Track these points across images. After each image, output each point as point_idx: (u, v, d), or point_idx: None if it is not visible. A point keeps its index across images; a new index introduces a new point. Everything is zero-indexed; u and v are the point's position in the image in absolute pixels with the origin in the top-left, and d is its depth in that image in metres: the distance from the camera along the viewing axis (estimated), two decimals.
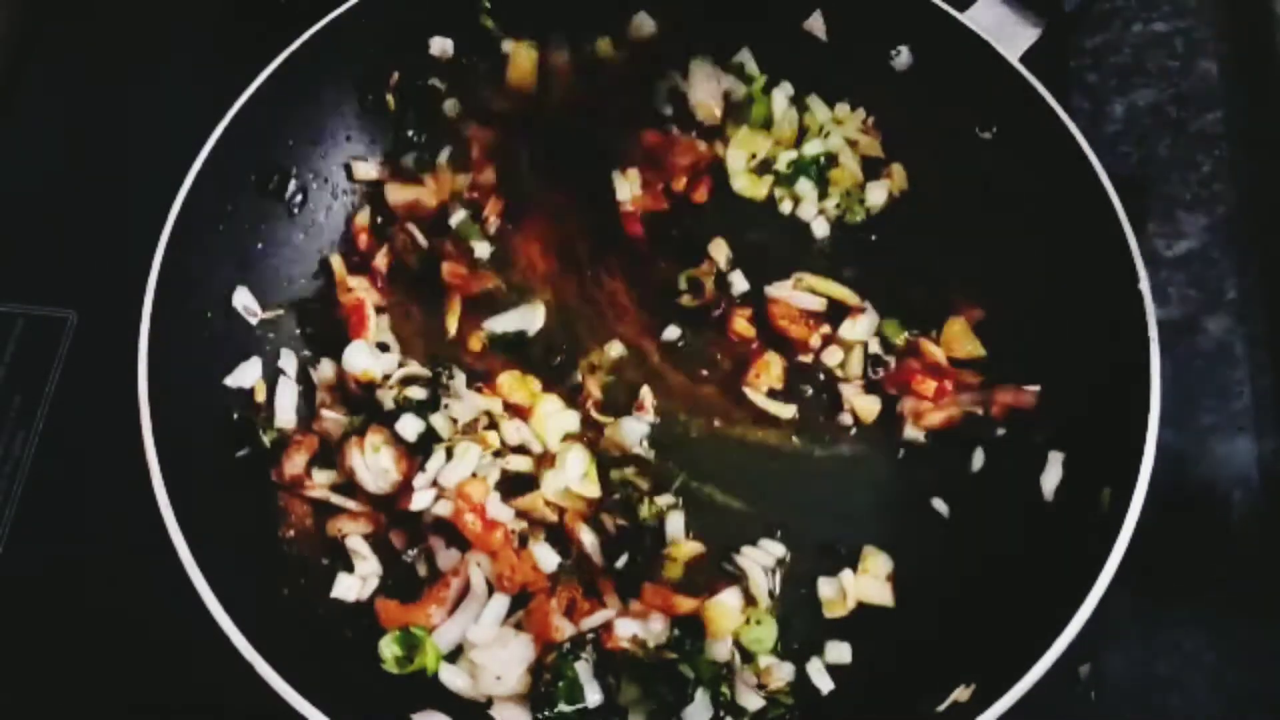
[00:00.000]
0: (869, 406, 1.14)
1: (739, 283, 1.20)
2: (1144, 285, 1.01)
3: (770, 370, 1.15)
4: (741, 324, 1.18)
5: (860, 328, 1.16)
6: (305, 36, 1.15)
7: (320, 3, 1.17)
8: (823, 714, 1.00)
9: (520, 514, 1.07)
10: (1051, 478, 1.04)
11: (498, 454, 1.09)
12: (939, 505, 1.09)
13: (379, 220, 1.25)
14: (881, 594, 1.06)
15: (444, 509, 1.04)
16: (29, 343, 1.22)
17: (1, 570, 1.11)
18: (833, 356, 1.16)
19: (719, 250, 1.22)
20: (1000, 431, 1.11)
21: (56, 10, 1.43)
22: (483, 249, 1.23)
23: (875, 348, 1.17)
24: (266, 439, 1.09)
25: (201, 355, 1.09)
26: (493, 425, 1.10)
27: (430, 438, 1.07)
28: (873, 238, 1.23)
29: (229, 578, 0.92)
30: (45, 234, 1.29)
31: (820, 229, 1.24)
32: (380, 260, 1.21)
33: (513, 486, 1.08)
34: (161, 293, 1.03)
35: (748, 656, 1.02)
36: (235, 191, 1.15)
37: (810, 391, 1.16)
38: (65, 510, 1.14)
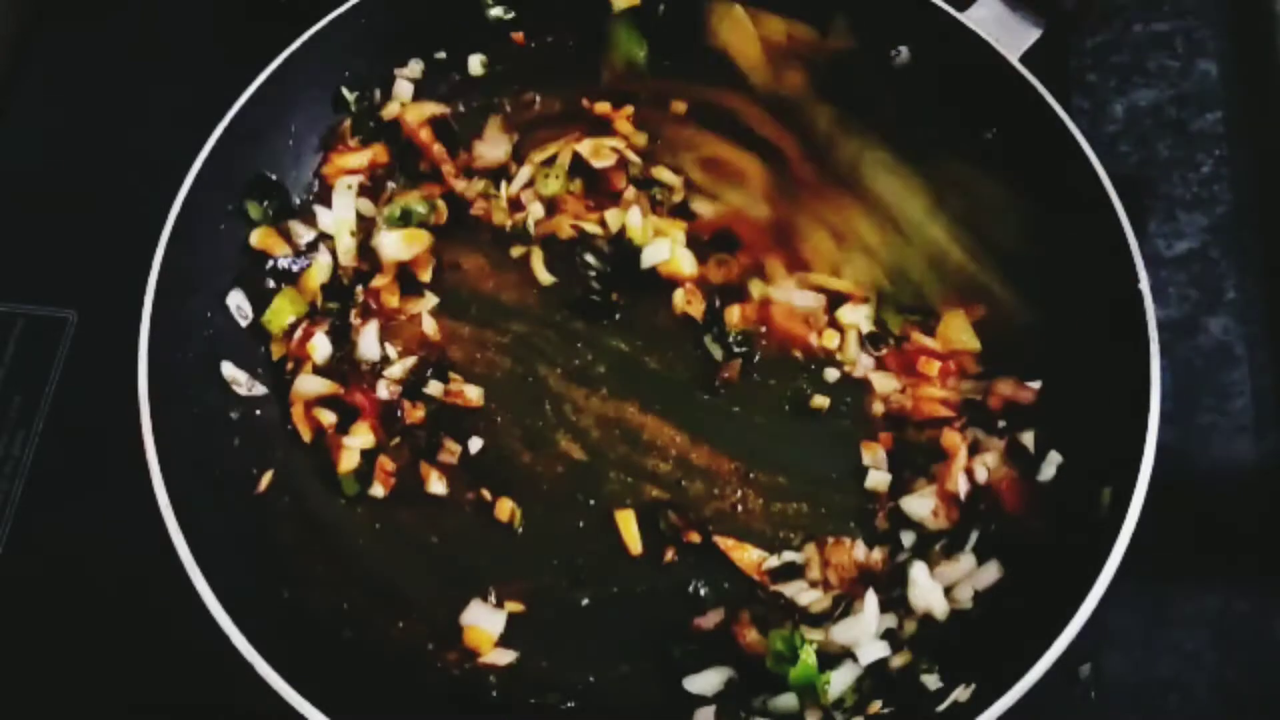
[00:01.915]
0: (885, 382, 1.14)
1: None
2: (1144, 285, 1.01)
3: None
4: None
5: (859, 313, 1.16)
6: (306, 36, 1.15)
7: (321, 2, 1.17)
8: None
9: None
10: (1050, 477, 1.04)
11: None
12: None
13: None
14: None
15: None
16: (29, 343, 1.22)
17: (1, 571, 1.11)
18: (830, 341, 1.16)
19: None
20: (1000, 424, 1.10)
21: (56, 10, 1.43)
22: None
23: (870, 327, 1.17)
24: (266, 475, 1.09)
25: (201, 355, 1.09)
26: None
27: None
28: None
29: (229, 577, 0.92)
30: (45, 234, 1.29)
31: None
32: None
33: None
34: (161, 293, 1.03)
35: None
36: (235, 191, 1.15)
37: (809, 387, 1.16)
38: (65, 510, 1.14)
